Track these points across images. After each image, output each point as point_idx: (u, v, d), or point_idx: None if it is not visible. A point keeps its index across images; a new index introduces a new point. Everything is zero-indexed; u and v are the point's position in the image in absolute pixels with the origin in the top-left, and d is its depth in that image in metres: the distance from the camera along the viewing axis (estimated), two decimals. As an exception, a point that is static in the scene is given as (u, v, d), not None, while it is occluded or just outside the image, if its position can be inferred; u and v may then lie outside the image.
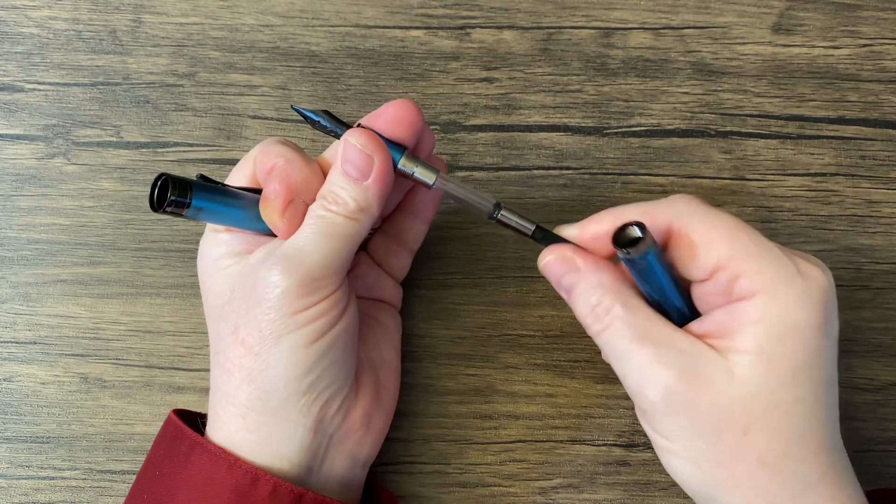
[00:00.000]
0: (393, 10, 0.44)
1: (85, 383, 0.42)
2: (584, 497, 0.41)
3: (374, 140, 0.33)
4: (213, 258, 0.35)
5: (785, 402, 0.30)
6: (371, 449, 0.37)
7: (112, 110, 0.43)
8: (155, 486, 0.34)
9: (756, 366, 0.30)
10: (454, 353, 0.42)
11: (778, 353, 0.30)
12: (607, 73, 0.43)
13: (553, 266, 0.34)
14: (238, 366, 0.33)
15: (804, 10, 0.44)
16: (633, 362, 0.32)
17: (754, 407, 0.30)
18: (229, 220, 0.35)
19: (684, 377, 0.31)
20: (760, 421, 0.30)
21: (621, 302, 0.32)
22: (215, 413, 0.34)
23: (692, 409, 0.31)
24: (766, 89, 0.44)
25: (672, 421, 0.31)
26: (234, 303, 0.34)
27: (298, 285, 0.32)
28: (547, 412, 0.42)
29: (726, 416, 0.30)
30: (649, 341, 0.31)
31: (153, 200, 0.32)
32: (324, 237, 0.33)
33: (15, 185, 0.43)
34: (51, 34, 0.43)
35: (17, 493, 0.41)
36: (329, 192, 0.33)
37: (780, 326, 0.30)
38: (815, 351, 0.31)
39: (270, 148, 0.34)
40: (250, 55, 0.43)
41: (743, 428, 0.30)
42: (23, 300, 0.42)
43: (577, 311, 0.34)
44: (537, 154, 0.43)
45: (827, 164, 0.43)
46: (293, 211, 0.33)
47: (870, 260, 0.43)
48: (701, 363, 0.31)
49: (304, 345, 0.32)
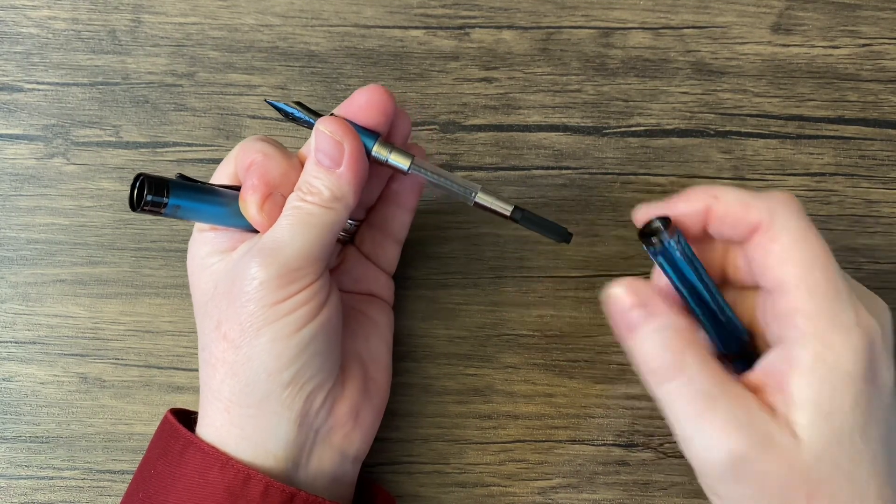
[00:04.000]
0: (392, 10, 0.44)
1: (84, 383, 0.42)
2: (584, 497, 0.41)
3: (343, 126, 0.33)
4: (200, 257, 0.35)
5: (843, 463, 0.29)
6: (361, 444, 0.36)
7: (111, 110, 0.43)
8: (150, 484, 0.34)
9: (816, 426, 0.29)
10: (453, 353, 0.42)
11: (836, 406, 0.29)
12: (607, 72, 0.43)
13: (621, 299, 0.31)
14: (221, 360, 0.33)
15: (804, 10, 0.44)
16: (701, 426, 0.30)
17: (819, 471, 0.29)
18: (211, 218, 0.35)
19: (755, 445, 0.29)
20: (824, 484, 0.29)
21: (693, 352, 0.30)
22: (203, 409, 0.35)
23: (761, 477, 0.29)
24: (766, 89, 0.43)
25: (737, 490, 0.30)
26: (216, 298, 0.34)
27: (277, 276, 0.32)
28: (546, 412, 0.42)
29: (794, 482, 0.29)
30: (720, 404, 0.29)
31: (132, 200, 0.32)
32: (301, 227, 0.33)
33: (14, 185, 0.43)
34: (50, 34, 0.43)
35: (16, 493, 0.41)
36: (304, 182, 0.34)
37: (838, 379, 0.29)
38: (868, 406, 0.29)
39: (250, 145, 0.34)
40: (249, 55, 0.43)
41: (807, 494, 0.29)
42: (22, 300, 0.42)
43: (640, 355, 0.31)
44: (536, 154, 0.43)
45: (826, 164, 0.43)
46: (271, 204, 0.33)
47: (870, 260, 0.43)
48: (768, 428, 0.29)
49: (285, 336, 0.32)
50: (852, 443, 0.29)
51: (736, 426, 0.29)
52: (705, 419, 0.30)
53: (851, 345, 0.29)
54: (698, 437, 0.30)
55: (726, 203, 0.31)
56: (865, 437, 0.29)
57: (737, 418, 0.29)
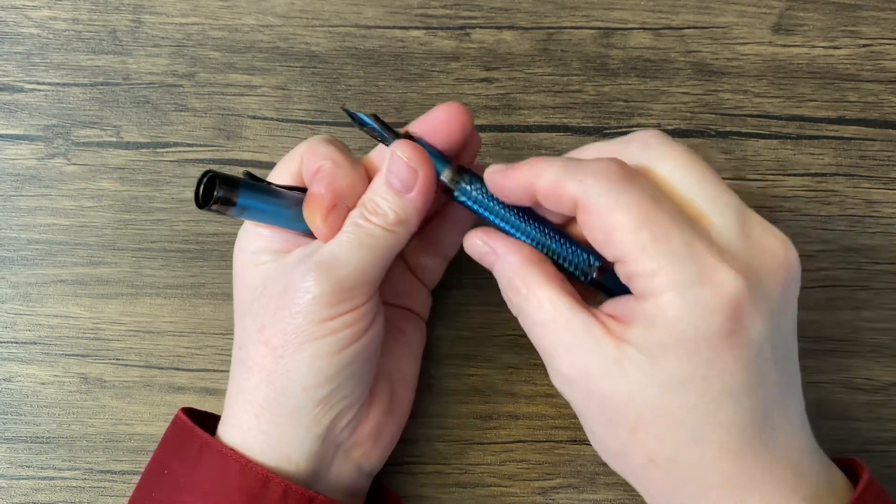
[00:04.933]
0: (393, 11, 0.44)
1: (85, 383, 0.42)
2: (584, 497, 0.41)
3: (420, 154, 0.33)
4: (252, 252, 0.35)
5: (672, 409, 0.29)
6: (378, 460, 0.37)
7: (112, 110, 0.43)
8: (163, 485, 0.34)
9: (642, 369, 0.29)
10: (454, 353, 0.42)
11: (664, 361, 0.29)
12: (607, 73, 0.43)
13: (474, 245, 0.34)
14: (259, 365, 0.33)
15: (804, 10, 0.44)
16: (555, 345, 0.31)
17: (640, 408, 0.30)
18: (272, 220, 0.34)
19: (578, 362, 0.30)
20: (647, 422, 0.30)
21: (537, 278, 0.32)
22: (230, 409, 0.34)
23: (587, 395, 0.31)
24: (766, 89, 0.44)
25: (577, 400, 0.32)
26: (263, 301, 0.33)
27: (329, 293, 0.32)
28: (547, 412, 0.42)
29: (616, 409, 0.30)
30: (574, 324, 0.31)
31: (198, 197, 0.31)
32: (360, 247, 0.32)
33: (15, 186, 0.43)
34: (50, 34, 0.43)
35: (17, 494, 0.41)
36: (370, 200, 0.33)
37: (668, 336, 0.29)
38: (708, 362, 0.29)
39: (318, 148, 0.34)
40: (250, 55, 0.43)
41: (632, 425, 0.30)
42: (23, 300, 0.42)
43: (502, 291, 0.33)
44: (537, 154, 0.43)
45: (827, 165, 0.43)
46: (336, 216, 0.33)
47: (870, 260, 0.43)
48: (599, 351, 0.30)
49: (327, 353, 0.32)
50: (685, 393, 0.29)
51: (564, 340, 0.31)
52: (559, 338, 0.31)
53: (688, 302, 0.28)
54: (556, 356, 0.31)
55: (545, 182, 0.31)
56: (706, 390, 0.29)
57: (567, 332, 0.31)
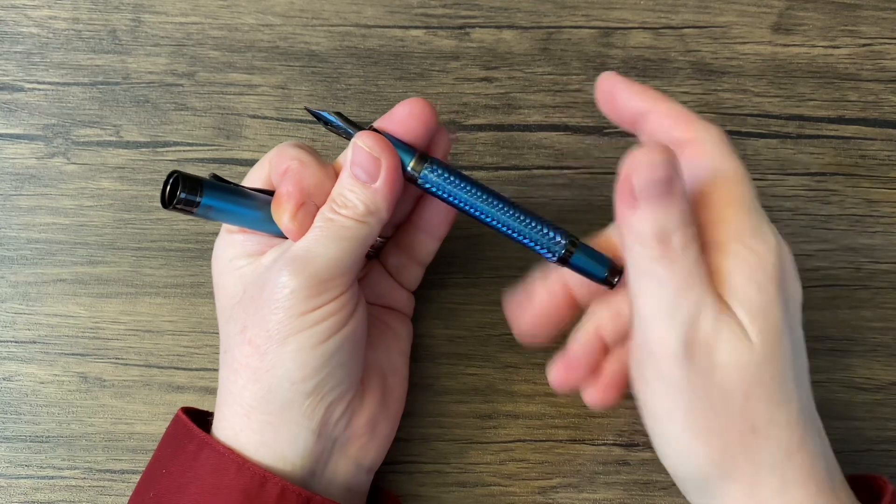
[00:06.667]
0: (393, 10, 0.44)
1: (84, 383, 0.42)
2: (584, 496, 0.41)
3: (381, 142, 0.33)
4: (228, 259, 0.35)
5: (776, 366, 0.30)
6: (376, 455, 0.37)
7: (112, 110, 0.43)
8: (161, 484, 0.34)
9: (758, 325, 0.30)
10: (454, 353, 0.42)
11: (767, 306, 0.30)
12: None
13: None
14: (244, 365, 0.33)
15: (804, 10, 0.44)
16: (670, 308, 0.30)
17: (760, 371, 0.30)
18: (241, 221, 0.34)
19: (712, 334, 0.30)
20: (761, 385, 0.30)
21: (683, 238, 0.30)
22: (221, 412, 0.34)
23: (711, 367, 0.30)
24: (766, 89, 0.44)
25: (683, 376, 0.30)
26: (243, 303, 0.34)
27: (307, 286, 0.32)
28: (546, 412, 0.42)
29: (736, 378, 0.30)
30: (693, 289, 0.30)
31: (164, 197, 0.32)
32: (333, 240, 0.33)
33: (15, 185, 0.43)
34: (50, 34, 0.43)
35: (16, 493, 0.41)
36: (338, 194, 0.33)
37: (761, 279, 0.30)
38: (785, 308, 0.31)
39: (286, 151, 0.34)
40: (250, 55, 0.43)
41: (745, 392, 0.30)
42: (22, 299, 0.42)
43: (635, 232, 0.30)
44: (537, 154, 0.43)
45: (827, 164, 0.43)
46: (304, 213, 0.33)
47: (870, 260, 0.43)
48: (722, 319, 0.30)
49: (311, 346, 0.32)
50: (783, 345, 0.30)
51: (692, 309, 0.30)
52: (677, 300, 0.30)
53: (771, 252, 0.31)
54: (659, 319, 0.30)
55: (674, 108, 0.33)
56: (791, 342, 0.31)
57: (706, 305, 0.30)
